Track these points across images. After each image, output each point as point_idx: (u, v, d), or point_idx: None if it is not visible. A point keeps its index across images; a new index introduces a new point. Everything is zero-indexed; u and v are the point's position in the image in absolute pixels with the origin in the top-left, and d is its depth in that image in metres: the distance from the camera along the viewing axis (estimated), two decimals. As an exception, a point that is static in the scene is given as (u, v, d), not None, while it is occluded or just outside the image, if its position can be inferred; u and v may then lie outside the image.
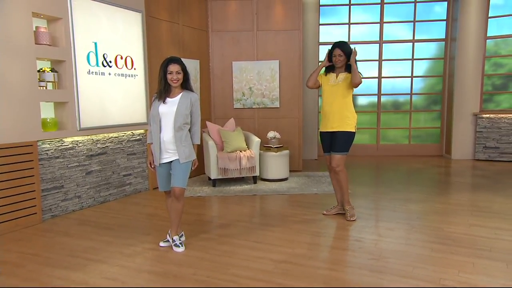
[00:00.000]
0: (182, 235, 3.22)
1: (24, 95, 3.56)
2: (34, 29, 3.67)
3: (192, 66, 5.74)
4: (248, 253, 2.98)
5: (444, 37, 7.58)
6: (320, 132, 3.93)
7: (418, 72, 7.81)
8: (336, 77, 3.76)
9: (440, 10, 7.58)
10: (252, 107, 6.24)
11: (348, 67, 3.71)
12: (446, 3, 7.47)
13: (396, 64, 7.81)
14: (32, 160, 3.65)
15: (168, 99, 2.99)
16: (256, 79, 6.17)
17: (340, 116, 3.73)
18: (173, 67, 2.91)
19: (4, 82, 3.40)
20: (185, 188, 3.05)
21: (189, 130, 3.05)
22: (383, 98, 7.92)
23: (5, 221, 3.45)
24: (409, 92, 7.85)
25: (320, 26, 7.58)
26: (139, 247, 3.13)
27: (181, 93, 3.00)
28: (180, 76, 2.94)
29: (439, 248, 3.00)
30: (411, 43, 7.69)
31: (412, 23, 7.63)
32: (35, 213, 3.71)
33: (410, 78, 7.81)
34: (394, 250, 2.97)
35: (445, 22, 7.54)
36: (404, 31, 7.71)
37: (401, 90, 7.89)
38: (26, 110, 3.58)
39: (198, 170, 5.99)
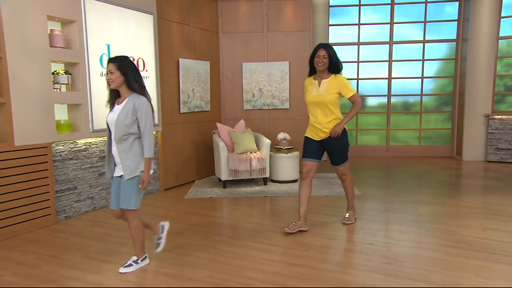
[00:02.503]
0: (146, 257, 2.82)
1: (39, 97, 3.60)
2: (48, 32, 3.71)
3: (203, 67, 5.76)
4: (261, 255, 2.98)
5: (455, 37, 7.51)
6: (305, 136, 3.57)
7: (428, 73, 7.75)
8: (319, 85, 3.38)
9: (452, 10, 7.52)
10: (262, 108, 6.24)
11: (332, 69, 3.35)
12: (457, 3, 7.40)
13: (406, 65, 7.76)
14: (47, 162, 3.69)
15: (115, 106, 2.62)
16: (266, 80, 6.17)
17: (328, 127, 3.39)
18: (108, 67, 2.55)
19: (20, 84, 3.44)
20: (133, 210, 2.64)
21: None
22: (393, 99, 7.87)
23: (21, 222, 3.49)
24: (420, 93, 7.79)
25: (330, 26, 7.55)
26: (153, 249, 3.14)
27: (127, 98, 2.57)
28: (114, 76, 2.52)
29: (454, 252, 2.97)
30: (422, 44, 7.63)
31: (423, 23, 7.57)
32: (50, 214, 3.75)
33: (420, 79, 7.75)
34: (408, 254, 2.95)
35: (456, 22, 7.47)
36: (415, 32, 7.65)
37: (411, 91, 7.83)
38: (41, 112, 3.62)
39: (209, 171, 6.02)
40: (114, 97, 2.66)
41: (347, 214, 3.75)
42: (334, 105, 3.36)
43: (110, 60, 2.57)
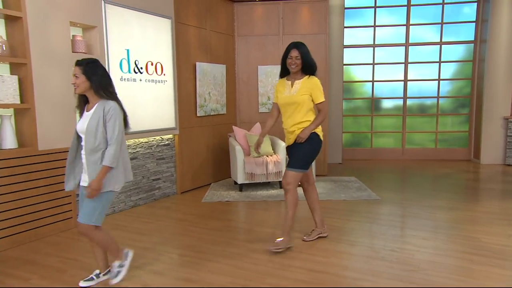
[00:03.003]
0: (127, 252, 2.71)
1: (61, 102, 3.64)
2: (71, 37, 3.75)
3: (219, 71, 5.77)
4: (282, 261, 2.97)
5: (473, 39, 7.40)
6: (286, 146, 3.39)
7: (445, 75, 7.65)
8: (292, 85, 3.16)
9: (469, 11, 7.41)
10: (278, 111, 6.22)
11: (306, 70, 3.14)
12: (475, 4, 7.29)
13: (422, 67, 7.67)
14: (69, 166, 3.73)
15: (85, 113, 2.43)
16: (282, 83, 6.15)
17: (298, 128, 3.15)
18: (74, 70, 2.37)
19: (44, 90, 3.49)
20: (93, 226, 2.41)
21: None
22: (409, 101, 7.79)
23: (44, 225, 3.54)
24: (436, 95, 7.70)
25: (345, 29, 7.51)
26: (174, 253, 3.16)
27: (96, 104, 2.38)
28: (79, 81, 2.33)
29: (479, 260, 2.93)
30: (439, 45, 7.54)
31: (440, 25, 7.48)
32: (71, 217, 3.79)
33: (437, 81, 7.65)
34: (432, 261, 2.91)
35: (474, 23, 7.36)
36: (431, 33, 7.57)
37: (427, 93, 7.74)
38: (63, 117, 3.67)
39: (224, 174, 6.04)
40: (84, 103, 2.45)
41: (282, 239, 3.15)
42: (305, 107, 3.11)
43: (76, 63, 2.38)
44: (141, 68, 4.50)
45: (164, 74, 4.84)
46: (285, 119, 3.21)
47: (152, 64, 4.63)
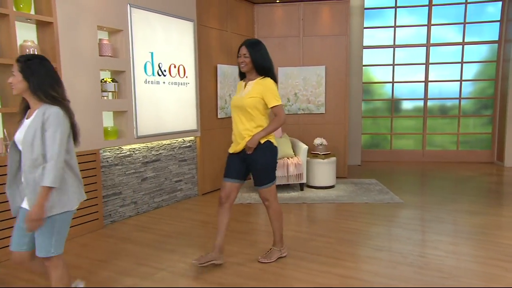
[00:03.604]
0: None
1: (89, 105, 3.70)
2: (97, 41, 3.81)
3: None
4: (310, 266, 2.95)
5: (497, 38, 7.25)
6: (228, 152, 3.01)
7: (467, 76, 7.51)
8: (244, 87, 2.87)
9: (493, 10, 7.26)
10: (297, 113, 6.21)
11: (259, 71, 2.82)
12: (500, 3, 7.14)
13: (443, 68, 7.54)
14: (95, 168, 3.79)
15: (24, 120, 2.03)
16: (302, 85, 6.13)
17: (245, 135, 2.81)
18: (13, 66, 2.00)
19: (73, 93, 3.53)
20: (55, 256, 2.04)
21: None
22: (429, 103, 7.67)
23: (72, 226, 3.58)
24: (458, 96, 7.56)
25: (365, 29, 7.44)
26: (199, 256, 3.17)
27: (37, 110, 1.97)
28: (15, 80, 1.95)
29: (512, 268, 2.86)
30: (461, 46, 7.40)
31: (462, 25, 7.35)
32: (97, 218, 3.85)
33: (459, 82, 7.52)
34: (464, 268, 2.86)
35: (498, 23, 7.21)
36: (453, 33, 7.44)
37: (449, 94, 7.62)
38: (91, 120, 3.72)
39: (244, 175, 6.04)
40: (27, 108, 2.04)
41: (273, 249, 3.07)
42: (254, 111, 2.78)
43: (16, 59, 2.01)
44: (165, 70, 4.53)
45: (187, 77, 4.86)
46: (235, 123, 2.89)
47: (175, 67, 4.67)
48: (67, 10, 3.44)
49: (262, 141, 2.79)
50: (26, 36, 3.29)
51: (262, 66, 2.81)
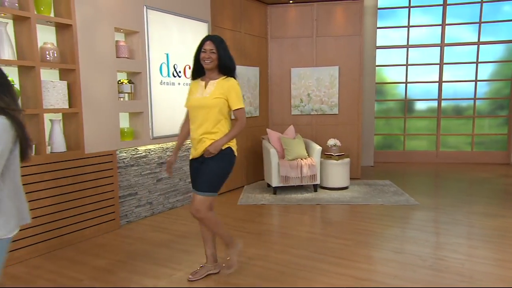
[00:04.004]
0: None
1: (106, 106, 3.73)
2: (114, 43, 3.84)
3: (253, 73, 5.79)
4: (327, 268, 2.94)
5: (513, 38, 7.15)
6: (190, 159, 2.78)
7: (482, 76, 7.41)
8: (205, 86, 2.64)
9: (510, 9, 7.15)
10: (310, 113, 6.19)
11: (223, 70, 2.63)
12: (516, 2, 7.03)
13: (458, 68, 7.45)
14: (112, 169, 3.83)
15: None
16: (315, 85, 6.11)
17: (207, 139, 2.59)
18: None
19: (90, 94, 3.58)
20: None
21: None
22: (443, 103, 7.59)
23: (89, 226, 3.64)
24: (473, 96, 7.46)
25: (378, 29, 7.38)
26: (219, 258, 3.15)
27: None
28: None
29: (534, 272, 2.81)
30: (476, 46, 7.30)
31: (478, 24, 7.25)
32: (114, 219, 3.88)
33: (474, 82, 7.42)
34: (485, 272, 2.82)
35: (514, 22, 7.10)
36: (468, 33, 7.34)
37: (463, 94, 7.52)
38: (108, 121, 3.76)
39: (256, 176, 6.05)
40: None
41: (230, 255, 2.80)
42: (219, 114, 2.58)
43: None
44: (180, 72, 4.55)
45: (201, 78, 4.87)
46: (194, 126, 2.64)
47: (189, 68, 4.67)
48: (86, 12, 3.48)
49: (224, 147, 2.59)
50: (45, 39, 3.33)
51: (227, 65, 2.63)
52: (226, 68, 2.63)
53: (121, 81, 4.00)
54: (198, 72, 2.70)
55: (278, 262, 3.06)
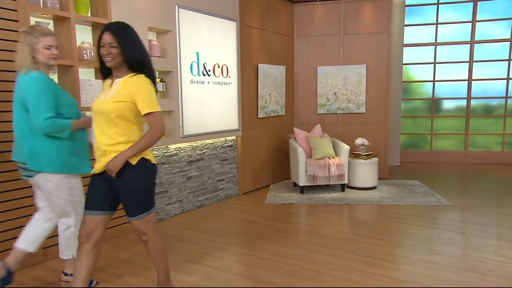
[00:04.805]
0: None
1: (140, 105, 3.77)
2: (148, 42, 3.88)
3: (279, 72, 5.76)
4: (364, 268, 2.90)
5: (547, 34, 6.90)
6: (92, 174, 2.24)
7: (514, 74, 7.19)
8: (110, 85, 2.18)
9: (544, 5, 6.91)
10: (337, 112, 6.12)
11: (131, 65, 2.12)
12: (551, -3, 6.79)
13: (488, 66, 7.25)
14: (145, 166, 3.86)
15: None
16: (342, 84, 6.05)
17: (109, 152, 2.12)
18: None
19: (125, 93, 3.62)
20: None
21: None
22: (472, 102, 7.39)
23: (123, 223, 3.68)
24: (504, 95, 7.24)
25: (405, 27, 7.24)
26: (252, 256, 3.18)
27: None
28: None
29: None
30: (508, 42, 7.09)
31: (511, 20, 7.03)
32: (146, 216, 3.92)
33: (505, 80, 7.20)
34: (530, 276, 2.73)
35: (549, 18, 6.86)
36: (500, 30, 7.13)
37: (494, 93, 7.31)
38: (141, 119, 3.79)
39: (282, 175, 6.03)
40: None
41: None
42: (121, 120, 2.10)
43: None
44: (209, 70, 4.57)
45: (229, 76, 4.89)
46: (97, 135, 2.16)
47: (218, 67, 4.70)
48: (121, 12, 3.53)
49: (134, 161, 2.09)
50: (82, 38, 3.39)
51: (135, 59, 2.12)
52: (135, 63, 2.12)
53: (153, 80, 4.04)
54: (105, 69, 2.20)
55: (314, 262, 3.03)
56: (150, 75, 2.17)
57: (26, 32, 2.34)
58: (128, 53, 2.10)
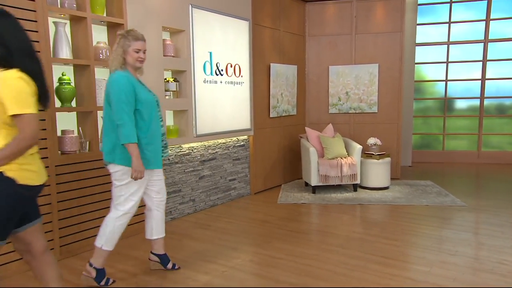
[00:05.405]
0: None
1: (154, 104, 3.79)
2: (162, 41, 3.89)
3: (291, 71, 5.75)
4: (379, 269, 2.87)
5: None
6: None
7: (529, 73, 7.09)
8: None
9: (560, 3, 6.80)
10: (348, 112, 6.09)
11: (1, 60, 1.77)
12: None
13: (502, 65, 7.15)
14: (158, 165, 3.88)
15: None
16: (354, 84, 6.01)
17: None
18: None
19: (139, 93, 3.64)
20: None
21: None
22: (486, 102, 7.30)
23: (136, 223, 3.70)
24: (518, 94, 7.15)
25: (418, 26, 7.18)
26: (266, 255, 3.17)
27: None
28: None
29: None
30: (523, 41, 6.99)
31: (525, 19, 6.94)
32: (160, 215, 3.93)
33: (519, 80, 7.11)
34: (551, 278, 2.68)
35: None
36: (514, 28, 7.04)
37: (508, 92, 7.21)
38: (155, 119, 3.81)
39: (294, 175, 6.01)
40: None
41: None
42: None
43: None
44: (222, 70, 4.58)
45: (242, 76, 4.89)
46: None
47: (231, 66, 4.70)
48: (136, 11, 3.55)
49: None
50: (98, 38, 3.42)
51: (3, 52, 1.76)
52: (1, 55, 1.76)
53: (167, 79, 4.06)
54: None
55: (328, 262, 3.02)
56: (26, 68, 1.78)
57: (121, 35, 2.58)
58: None
